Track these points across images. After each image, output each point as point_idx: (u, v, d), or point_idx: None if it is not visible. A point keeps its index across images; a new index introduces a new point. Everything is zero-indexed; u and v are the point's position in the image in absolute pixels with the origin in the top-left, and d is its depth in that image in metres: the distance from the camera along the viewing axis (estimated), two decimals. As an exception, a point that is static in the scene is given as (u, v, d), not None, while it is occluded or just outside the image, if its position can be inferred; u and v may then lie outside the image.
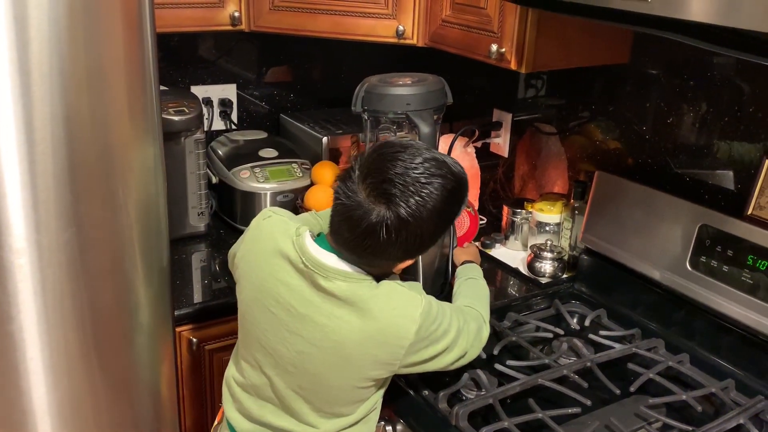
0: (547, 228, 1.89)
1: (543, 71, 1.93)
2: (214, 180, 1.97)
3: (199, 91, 2.15)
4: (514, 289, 1.78)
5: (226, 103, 2.22)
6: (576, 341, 1.51)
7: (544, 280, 1.79)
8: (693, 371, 1.43)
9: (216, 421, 1.44)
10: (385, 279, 1.19)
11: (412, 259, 1.20)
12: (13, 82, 1.07)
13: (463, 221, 1.90)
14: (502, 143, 2.09)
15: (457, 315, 1.24)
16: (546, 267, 1.79)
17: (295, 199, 1.96)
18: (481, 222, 2.04)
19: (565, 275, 1.81)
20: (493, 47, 1.55)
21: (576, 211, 1.80)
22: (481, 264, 1.57)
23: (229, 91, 2.23)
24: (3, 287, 1.17)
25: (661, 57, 1.63)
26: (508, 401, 1.33)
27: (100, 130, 1.18)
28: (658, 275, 1.57)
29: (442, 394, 1.32)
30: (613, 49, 1.68)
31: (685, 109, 1.59)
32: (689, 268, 1.51)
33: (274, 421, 1.26)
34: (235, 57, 2.22)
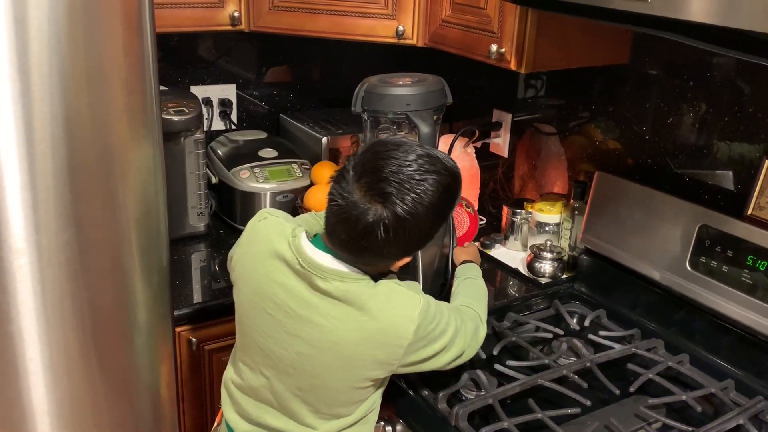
0: (547, 228, 1.89)
1: (543, 71, 1.93)
2: (214, 180, 1.97)
3: (199, 91, 2.15)
4: (513, 289, 1.78)
5: (225, 103, 2.22)
6: (576, 341, 1.51)
7: (543, 281, 1.79)
8: (692, 371, 1.43)
9: (215, 423, 1.44)
10: (382, 278, 1.19)
11: (410, 257, 1.20)
12: (12, 82, 1.07)
13: (462, 221, 1.90)
14: (501, 143, 2.09)
15: (454, 315, 1.24)
16: (546, 267, 1.79)
17: (295, 199, 1.96)
18: (480, 222, 2.04)
19: (564, 275, 1.81)
20: (493, 47, 1.55)
21: (576, 212, 1.80)
22: (480, 264, 1.57)
23: (229, 91, 2.23)
24: (3, 287, 1.17)
25: (660, 57, 1.63)
26: (508, 401, 1.33)
27: (99, 131, 1.18)
28: (657, 275, 1.57)
29: (441, 394, 1.32)
30: (613, 50, 1.68)
31: (685, 109, 1.59)
32: (689, 268, 1.51)
33: (272, 422, 1.26)
34: (235, 57, 2.22)
